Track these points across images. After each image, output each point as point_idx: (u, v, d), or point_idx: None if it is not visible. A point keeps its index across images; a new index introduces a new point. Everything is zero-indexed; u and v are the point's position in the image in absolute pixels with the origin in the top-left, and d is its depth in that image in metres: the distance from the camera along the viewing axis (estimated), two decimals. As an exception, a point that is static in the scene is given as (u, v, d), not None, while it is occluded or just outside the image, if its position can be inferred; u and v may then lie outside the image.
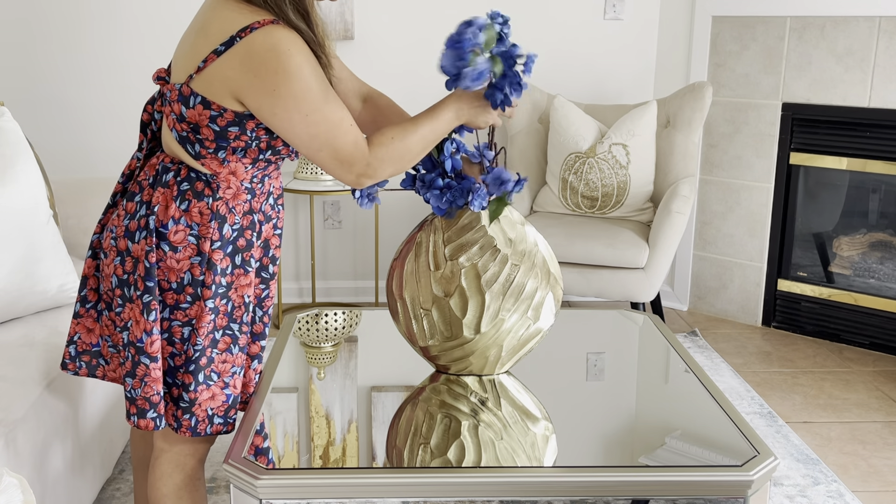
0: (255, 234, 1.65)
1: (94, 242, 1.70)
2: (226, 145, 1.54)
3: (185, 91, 1.52)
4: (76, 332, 1.73)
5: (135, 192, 1.61)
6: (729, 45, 3.77)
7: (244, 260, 1.64)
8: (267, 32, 1.46)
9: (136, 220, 1.58)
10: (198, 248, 1.58)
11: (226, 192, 1.59)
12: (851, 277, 3.72)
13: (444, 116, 1.64)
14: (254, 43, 1.45)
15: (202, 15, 1.55)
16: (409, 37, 3.90)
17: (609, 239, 3.28)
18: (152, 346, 1.58)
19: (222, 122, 1.51)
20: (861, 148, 3.52)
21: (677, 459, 1.56)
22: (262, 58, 1.45)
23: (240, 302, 1.65)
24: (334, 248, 4.09)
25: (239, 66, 1.46)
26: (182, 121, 1.53)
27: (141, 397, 1.60)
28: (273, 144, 1.58)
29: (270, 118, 1.50)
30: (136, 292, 1.58)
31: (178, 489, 1.69)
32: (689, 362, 2.01)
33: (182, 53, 1.55)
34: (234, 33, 1.47)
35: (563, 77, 3.98)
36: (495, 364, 1.81)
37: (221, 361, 1.64)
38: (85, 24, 3.77)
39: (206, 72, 1.49)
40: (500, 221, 1.77)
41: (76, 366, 1.75)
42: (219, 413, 1.65)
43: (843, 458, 2.72)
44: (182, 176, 1.58)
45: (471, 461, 1.53)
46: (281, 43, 1.46)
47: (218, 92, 1.49)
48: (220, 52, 1.47)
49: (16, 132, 2.29)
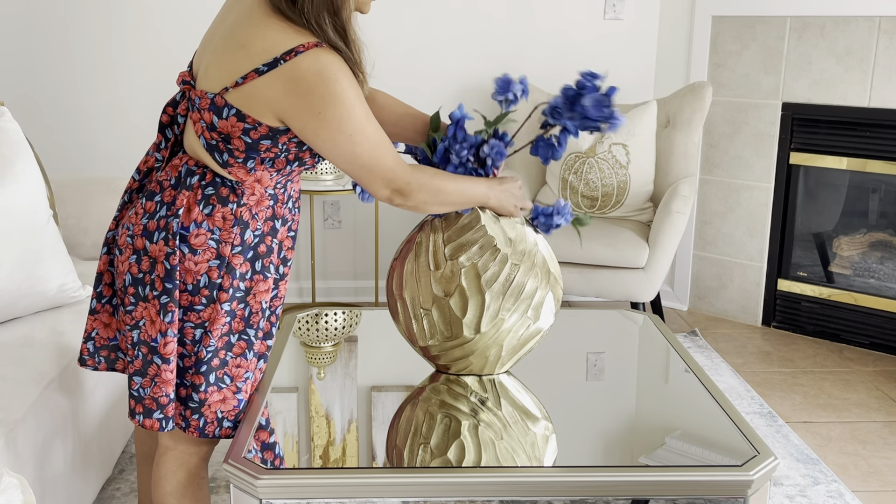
0: (275, 240, 1.65)
1: (108, 239, 1.70)
2: (255, 156, 1.54)
3: (218, 102, 1.51)
4: (93, 328, 1.74)
5: (154, 191, 1.61)
6: (729, 45, 3.77)
7: (264, 266, 1.64)
8: (313, 57, 1.46)
9: (156, 220, 1.58)
10: (217, 252, 1.58)
11: (250, 199, 1.59)
12: (851, 277, 3.72)
13: (478, 187, 1.71)
14: (299, 67, 1.46)
15: (240, 27, 1.52)
16: (409, 37, 3.90)
17: (609, 239, 3.28)
18: (166, 347, 1.57)
19: (255, 135, 1.52)
20: (861, 148, 3.52)
21: (677, 459, 1.56)
22: (309, 82, 1.46)
23: (258, 308, 1.65)
24: (334, 247, 4.09)
25: (283, 88, 1.47)
26: (213, 130, 1.53)
27: (149, 397, 1.60)
28: (301, 157, 1.59)
29: (313, 139, 1.51)
30: (152, 292, 1.57)
31: (182, 487, 1.70)
32: (689, 362, 2.01)
33: (214, 62, 1.53)
34: (278, 55, 1.47)
35: (563, 77, 3.98)
36: (495, 364, 1.81)
37: (236, 366, 1.64)
38: (85, 24, 3.77)
39: (244, 88, 1.49)
40: (499, 220, 1.78)
41: (95, 361, 1.76)
42: (229, 417, 1.66)
43: (843, 458, 2.72)
44: (207, 180, 1.58)
45: (471, 461, 1.53)
46: (327, 68, 1.46)
47: (256, 108, 1.49)
48: (263, 71, 1.47)
49: (16, 132, 2.29)
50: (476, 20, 3.90)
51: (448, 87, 3.95)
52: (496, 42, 3.92)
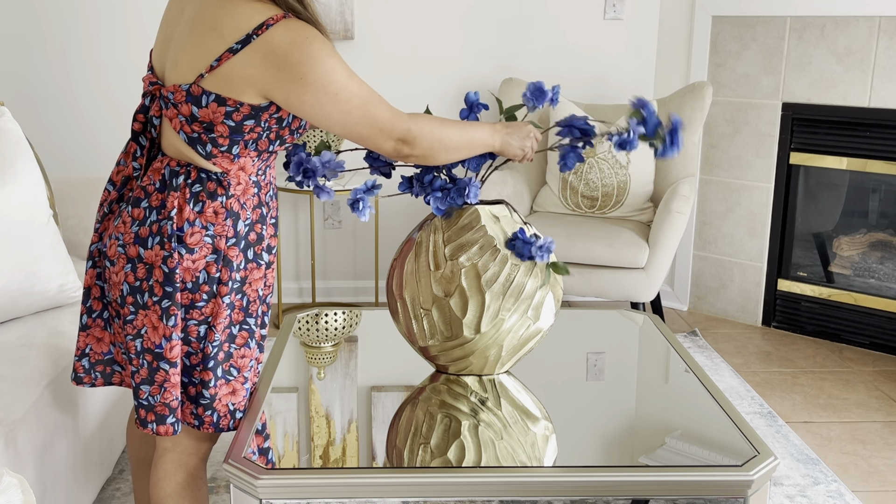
0: (264, 227, 1.66)
1: (93, 252, 1.69)
2: (239, 139, 1.55)
3: (195, 91, 1.51)
4: (86, 343, 1.72)
5: (140, 197, 1.60)
6: (729, 45, 3.77)
7: (256, 254, 1.65)
8: (284, 27, 1.48)
9: (148, 225, 1.57)
10: (213, 247, 1.58)
11: (237, 189, 1.60)
12: (851, 277, 3.72)
13: (481, 131, 1.70)
14: (273, 39, 1.48)
15: (205, 12, 1.53)
16: (409, 37, 3.90)
17: (609, 239, 3.28)
18: (172, 351, 1.57)
19: (238, 116, 1.52)
20: (861, 148, 3.52)
21: (677, 459, 1.56)
22: (284, 51, 1.47)
23: (254, 296, 1.66)
24: (334, 248, 4.09)
25: (262, 62, 1.48)
26: (193, 122, 1.53)
27: (160, 403, 1.59)
28: (281, 134, 1.59)
29: (300, 106, 1.52)
30: (151, 298, 1.57)
31: (181, 488, 1.69)
32: (689, 362, 2.01)
33: (184, 53, 1.54)
34: (249, 31, 1.48)
35: (563, 77, 3.98)
36: (495, 364, 1.81)
37: (240, 356, 1.65)
38: (85, 24, 3.77)
39: (221, 70, 1.49)
40: (499, 221, 1.78)
41: (91, 378, 1.74)
42: (240, 408, 1.66)
43: (843, 458, 2.72)
44: (193, 178, 1.58)
45: (471, 461, 1.53)
46: (299, 34, 1.48)
47: (237, 89, 1.50)
48: (237, 49, 1.48)
49: (16, 132, 2.29)
50: (476, 20, 3.90)
51: (448, 87, 3.95)
52: (496, 42, 3.92)
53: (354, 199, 1.74)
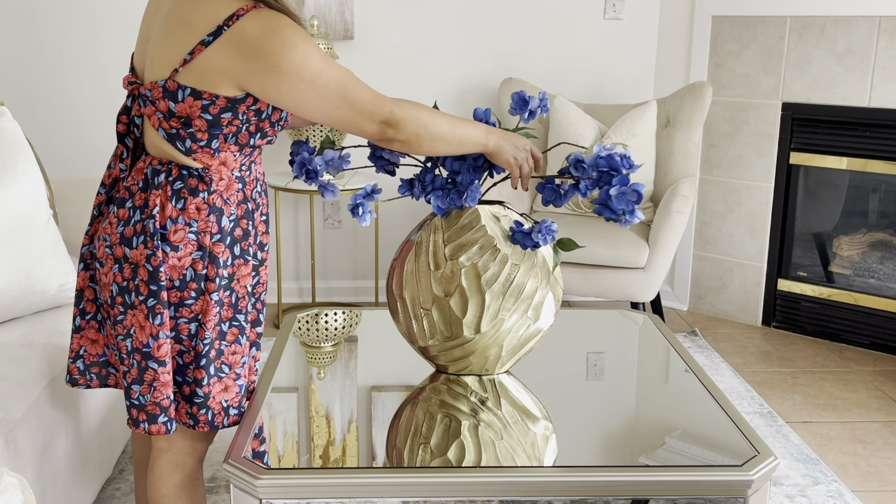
0: (251, 223, 1.65)
1: (84, 255, 1.69)
2: (218, 133, 1.54)
3: (170, 86, 1.51)
4: (80, 345, 1.72)
5: (125, 198, 1.60)
6: (729, 45, 3.77)
7: (243, 250, 1.64)
8: (255, 16, 1.48)
9: (132, 225, 1.57)
10: (198, 244, 1.58)
11: (219, 185, 1.59)
12: (851, 277, 3.72)
13: (475, 129, 1.68)
14: (244, 29, 1.47)
15: (179, 9, 1.53)
16: (409, 37, 3.90)
17: (609, 239, 3.29)
18: (160, 350, 1.57)
19: (215, 109, 1.51)
20: (861, 148, 3.52)
21: (677, 459, 1.56)
22: (256, 40, 1.47)
23: (243, 293, 1.65)
24: (334, 247, 4.09)
25: (234, 53, 1.47)
26: (171, 117, 1.53)
27: (151, 403, 1.59)
28: (261, 127, 1.58)
29: (277, 95, 1.51)
30: (138, 298, 1.57)
31: (178, 489, 1.69)
32: (689, 362, 2.01)
33: (160, 51, 1.54)
34: (220, 23, 1.48)
35: (563, 77, 3.98)
36: (495, 364, 1.81)
37: (231, 353, 1.65)
38: (85, 24, 3.77)
39: (194, 63, 1.49)
40: (499, 221, 1.78)
41: (87, 379, 1.74)
42: (233, 405, 1.66)
43: (843, 458, 2.72)
44: (174, 175, 1.57)
45: (471, 461, 1.53)
46: (270, 22, 1.48)
47: (212, 81, 1.49)
48: (209, 42, 1.48)
49: (16, 132, 2.29)
50: (476, 20, 3.90)
51: (448, 87, 3.95)
52: (496, 42, 3.92)
53: (354, 204, 1.74)
